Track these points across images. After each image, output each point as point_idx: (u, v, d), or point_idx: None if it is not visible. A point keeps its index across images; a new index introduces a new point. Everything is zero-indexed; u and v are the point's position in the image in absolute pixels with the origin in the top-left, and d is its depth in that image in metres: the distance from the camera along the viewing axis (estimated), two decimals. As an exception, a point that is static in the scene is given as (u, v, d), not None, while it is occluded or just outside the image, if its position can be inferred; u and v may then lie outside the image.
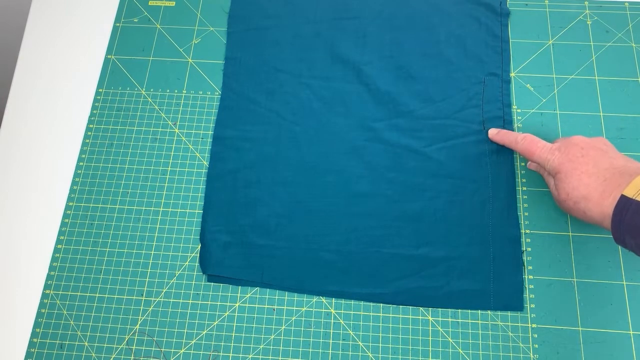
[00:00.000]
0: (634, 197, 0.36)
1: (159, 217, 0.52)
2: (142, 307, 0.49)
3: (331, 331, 0.47)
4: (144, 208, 0.52)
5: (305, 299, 0.48)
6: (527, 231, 0.50)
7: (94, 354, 0.47)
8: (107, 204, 0.53)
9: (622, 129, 0.53)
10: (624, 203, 0.37)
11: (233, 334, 0.47)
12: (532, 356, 0.45)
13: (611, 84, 0.55)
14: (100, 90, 0.58)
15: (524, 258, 0.49)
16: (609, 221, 0.39)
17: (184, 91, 0.57)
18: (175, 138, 0.55)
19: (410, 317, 0.47)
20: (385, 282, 0.48)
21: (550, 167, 0.44)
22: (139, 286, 0.49)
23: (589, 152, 0.42)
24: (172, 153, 0.55)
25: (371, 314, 0.48)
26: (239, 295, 0.49)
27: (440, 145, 0.53)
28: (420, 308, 0.48)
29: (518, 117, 0.54)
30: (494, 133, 0.52)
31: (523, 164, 0.52)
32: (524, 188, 0.51)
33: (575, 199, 0.41)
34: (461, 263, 0.49)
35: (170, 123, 0.56)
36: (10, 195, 0.54)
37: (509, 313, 0.47)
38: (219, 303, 0.48)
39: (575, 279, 0.48)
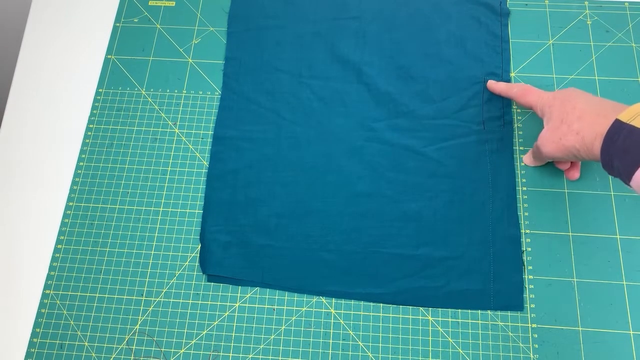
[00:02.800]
0: (628, 122, 0.37)
1: (159, 217, 0.52)
2: (142, 307, 0.49)
3: (331, 331, 0.47)
4: (144, 208, 0.52)
5: (305, 299, 0.48)
6: (527, 231, 0.50)
7: (94, 354, 0.47)
8: (107, 204, 0.53)
9: (622, 129, 0.53)
10: (618, 127, 0.37)
11: (233, 334, 0.47)
12: (532, 356, 0.45)
13: (611, 84, 0.55)
14: (100, 90, 0.58)
15: (524, 258, 0.49)
16: (599, 143, 0.39)
17: (184, 91, 0.57)
18: (175, 138, 0.55)
19: (410, 317, 0.47)
20: (385, 282, 0.48)
21: (543, 102, 0.46)
22: (139, 286, 0.49)
23: (585, 94, 0.44)
24: (172, 153, 0.55)
25: (371, 314, 0.48)
26: (239, 295, 0.49)
27: (440, 145, 0.53)
28: (420, 308, 0.48)
29: (518, 117, 0.54)
30: (491, 82, 0.54)
31: (523, 163, 0.52)
32: (524, 188, 0.51)
33: (570, 120, 0.42)
34: (461, 263, 0.49)
35: (170, 123, 0.56)
36: (10, 195, 0.54)
37: (509, 313, 0.47)
38: (219, 303, 0.48)
39: (575, 279, 0.48)
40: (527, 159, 0.52)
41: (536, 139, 0.53)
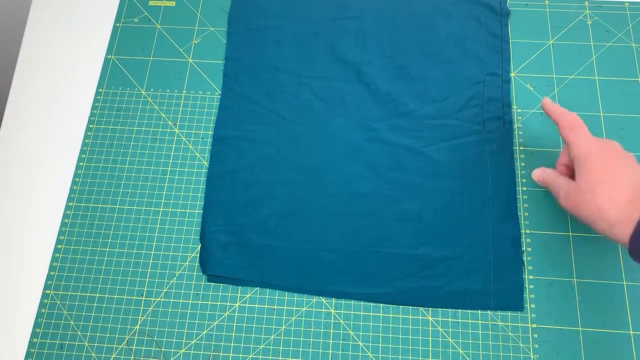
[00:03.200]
0: None
1: (159, 217, 0.52)
2: (142, 307, 0.49)
3: (331, 331, 0.47)
4: (144, 208, 0.52)
5: (305, 299, 0.48)
6: (527, 231, 0.50)
7: (94, 354, 0.47)
8: (107, 204, 0.53)
9: (622, 129, 0.53)
10: None
11: (233, 334, 0.47)
12: (532, 356, 0.45)
13: (611, 84, 0.55)
14: (100, 90, 0.58)
15: (524, 258, 0.49)
16: (622, 228, 0.37)
17: (184, 91, 0.57)
18: (175, 138, 0.55)
19: (410, 317, 0.47)
20: (385, 282, 0.48)
21: (581, 149, 0.41)
22: (139, 286, 0.49)
23: (629, 160, 0.41)
24: (172, 153, 0.55)
25: (371, 314, 0.48)
26: (239, 295, 0.49)
27: (440, 145, 0.53)
28: (420, 308, 0.48)
29: (518, 117, 0.54)
30: (548, 102, 0.47)
31: (523, 164, 0.52)
32: (524, 188, 0.51)
33: (598, 192, 0.39)
34: (461, 263, 0.49)
35: (170, 123, 0.56)
36: (10, 195, 0.54)
37: (509, 313, 0.47)
38: (219, 303, 0.48)
39: (575, 279, 0.48)
40: (537, 175, 0.48)
41: (536, 139, 0.53)
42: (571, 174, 0.45)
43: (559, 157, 0.47)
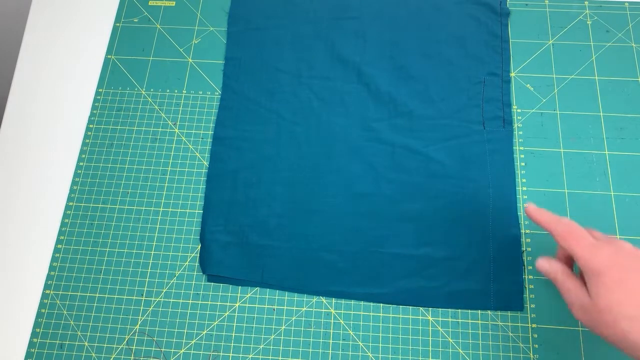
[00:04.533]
0: None
1: (159, 217, 0.52)
2: (142, 307, 0.49)
3: (331, 331, 0.47)
4: (144, 208, 0.52)
5: (305, 299, 0.48)
6: (527, 231, 0.50)
7: (94, 354, 0.47)
8: (107, 204, 0.53)
9: (622, 129, 0.53)
10: None
11: (233, 334, 0.47)
12: (532, 356, 0.45)
13: (611, 84, 0.55)
14: (100, 90, 0.58)
15: (524, 258, 0.49)
16: None
17: (184, 91, 0.57)
18: (175, 138, 0.55)
19: (410, 317, 0.47)
20: (385, 282, 0.48)
21: (591, 266, 0.36)
22: (139, 286, 0.49)
23: None
24: (172, 153, 0.55)
25: (371, 314, 0.48)
26: (239, 295, 0.49)
27: (440, 145, 0.53)
28: (420, 308, 0.48)
29: (518, 117, 0.54)
30: (532, 208, 0.41)
31: (523, 164, 0.52)
32: (524, 188, 0.51)
33: (619, 315, 0.34)
34: (461, 263, 0.49)
35: (170, 123, 0.56)
36: (10, 195, 0.54)
37: (509, 313, 0.47)
38: (219, 303, 0.48)
39: (575, 279, 0.48)
40: (543, 267, 0.41)
41: (536, 139, 0.53)
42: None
43: (558, 252, 0.43)
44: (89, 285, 0.50)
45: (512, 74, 0.56)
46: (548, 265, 0.40)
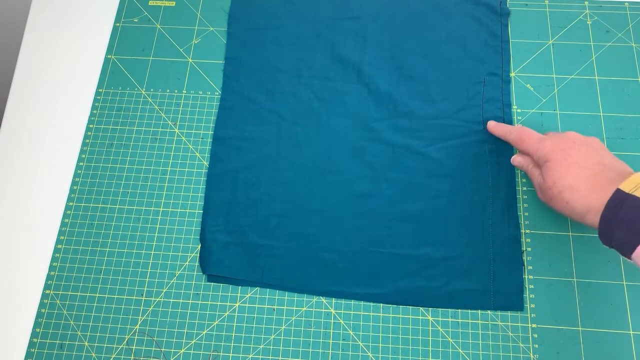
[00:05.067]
0: (631, 192, 0.37)
1: (159, 217, 0.52)
2: (142, 307, 0.49)
3: (331, 331, 0.47)
4: (144, 208, 0.52)
5: (305, 299, 0.48)
6: (527, 231, 0.50)
7: (94, 354, 0.47)
8: (107, 204, 0.53)
9: (622, 129, 0.53)
10: (620, 197, 0.37)
11: (233, 334, 0.47)
12: (532, 356, 0.45)
13: (611, 84, 0.55)
14: (100, 90, 0.58)
15: (524, 258, 0.49)
16: (593, 215, 0.39)
17: (184, 91, 0.57)
18: (175, 138, 0.55)
19: (410, 317, 0.47)
20: (385, 282, 0.48)
21: (539, 155, 0.44)
22: (139, 286, 0.49)
23: (581, 147, 0.43)
24: (172, 153, 0.55)
25: (371, 314, 0.48)
26: (239, 295, 0.49)
27: (440, 145, 0.53)
28: (420, 308, 0.48)
29: (518, 117, 0.54)
30: (492, 125, 0.52)
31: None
32: (524, 188, 0.51)
33: (561, 187, 0.41)
34: (461, 263, 0.49)
35: (170, 123, 0.56)
36: (10, 195, 0.54)
37: (509, 313, 0.47)
38: (219, 303, 0.48)
39: (575, 279, 0.48)
40: (517, 161, 0.49)
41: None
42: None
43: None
44: (89, 285, 0.50)
45: (512, 74, 0.56)
46: (522, 159, 0.48)
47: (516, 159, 0.49)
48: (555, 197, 0.42)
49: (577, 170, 0.41)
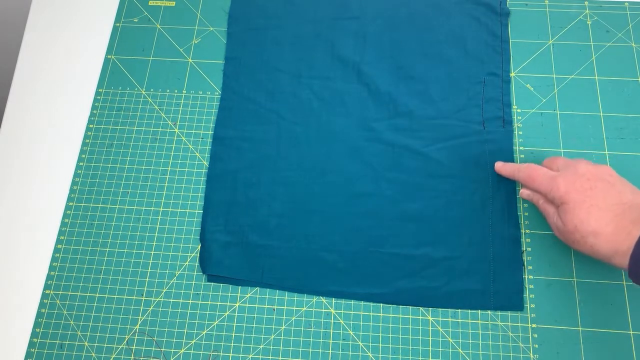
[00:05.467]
0: None
1: (159, 217, 0.52)
2: (142, 307, 0.49)
3: (331, 331, 0.47)
4: (144, 208, 0.52)
5: (305, 299, 0.48)
6: (527, 231, 0.50)
7: (94, 354, 0.47)
8: (107, 204, 0.53)
9: (622, 129, 0.53)
10: None
11: (233, 334, 0.47)
12: (532, 356, 0.45)
13: (611, 84, 0.55)
14: (100, 90, 0.58)
15: (524, 258, 0.49)
16: (620, 258, 0.38)
17: (184, 91, 0.57)
18: (175, 138, 0.55)
19: (410, 317, 0.47)
20: (385, 282, 0.48)
21: (554, 196, 0.42)
22: (139, 286, 0.49)
23: (597, 184, 0.41)
24: (172, 153, 0.55)
25: (371, 314, 0.48)
26: (239, 295, 0.49)
27: (440, 145, 0.53)
28: (420, 308, 0.48)
29: (518, 117, 0.54)
30: (499, 166, 0.50)
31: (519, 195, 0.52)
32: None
33: (584, 233, 0.40)
34: (461, 263, 0.49)
35: (170, 123, 0.56)
36: (10, 195, 0.54)
37: (509, 313, 0.47)
38: (219, 303, 0.48)
39: (575, 279, 0.48)
40: (525, 194, 0.48)
41: (536, 139, 0.53)
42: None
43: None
44: (89, 285, 0.50)
45: (512, 74, 0.56)
46: (531, 193, 0.47)
47: (524, 193, 0.47)
48: (579, 241, 0.41)
49: (598, 213, 0.39)
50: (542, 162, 0.47)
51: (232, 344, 0.47)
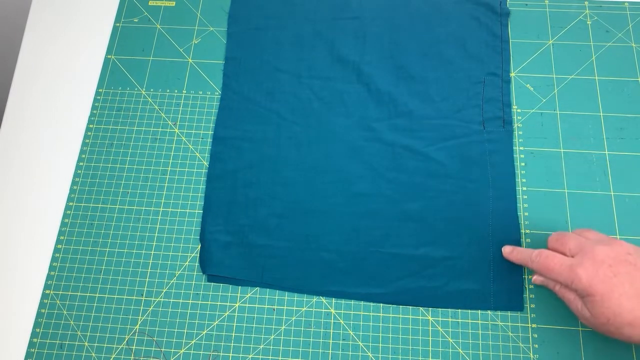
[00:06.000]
0: None
1: (159, 217, 0.52)
2: (142, 307, 0.49)
3: (331, 331, 0.47)
4: (144, 208, 0.52)
5: (305, 299, 0.48)
6: (527, 231, 0.50)
7: (94, 354, 0.47)
8: (107, 204, 0.53)
9: (622, 129, 0.53)
10: None
11: (233, 334, 0.47)
12: (532, 356, 0.45)
13: (611, 84, 0.55)
14: (100, 90, 0.58)
15: (524, 258, 0.49)
16: None
17: (184, 91, 0.57)
18: (175, 138, 0.55)
19: (410, 317, 0.47)
20: (385, 282, 0.48)
21: (576, 288, 0.39)
22: (139, 286, 0.49)
23: (619, 269, 0.38)
24: (172, 153, 0.55)
25: (371, 314, 0.48)
26: (239, 295, 0.49)
27: (440, 145, 0.53)
28: (420, 308, 0.48)
29: (518, 117, 0.54)
30: (508, 251, 0.47)
31: (523, 164, 0.52)
32: (524, 188, 0.51)
33: (618, 325, 0.38)
34: (461, 263, 0.49)
35: (170, 123, 0.56)
36: (10, 195, 0.54)
37: (509, 313, 0.47)
38: (219, 303, 0.48)
39: (575, 279, 0.48)
40: (538, 281, 0.44)
41: (536, 139, 0.53)
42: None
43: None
44: (89, 285, 0.50)
45: (512, 74, 0.56)
46: (544, 279, 0.43)
47: (537, 279, 0.44)
48: (613, 332, 0.39)
49: (629, 303, 0.37)
50: (548, 243, 0.44)
51: (232, 344, 0.47)
